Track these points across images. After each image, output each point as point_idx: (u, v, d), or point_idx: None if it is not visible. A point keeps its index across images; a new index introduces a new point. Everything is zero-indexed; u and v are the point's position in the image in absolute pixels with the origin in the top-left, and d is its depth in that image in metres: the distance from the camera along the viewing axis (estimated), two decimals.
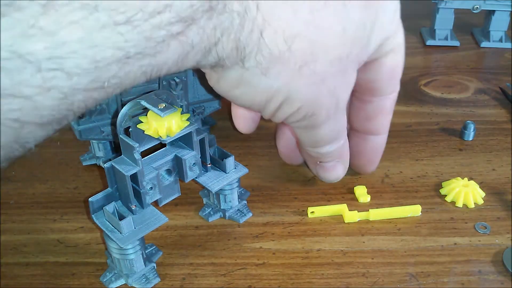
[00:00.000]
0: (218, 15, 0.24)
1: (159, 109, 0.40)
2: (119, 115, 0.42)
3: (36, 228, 0.43)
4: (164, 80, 0.45)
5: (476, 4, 0.69)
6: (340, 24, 0.28)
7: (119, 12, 0.20)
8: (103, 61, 0.21)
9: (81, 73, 0.21)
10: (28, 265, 0.40)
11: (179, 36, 0.23)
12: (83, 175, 0.49)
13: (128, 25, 0.20)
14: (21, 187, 0.48)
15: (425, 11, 0.81)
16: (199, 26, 0.23)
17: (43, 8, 0.19)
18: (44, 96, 0.20)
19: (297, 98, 0.30)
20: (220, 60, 0.27)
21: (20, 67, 0.19)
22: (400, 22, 0.34)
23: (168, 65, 0.25)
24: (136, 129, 0.41)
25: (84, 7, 0.19)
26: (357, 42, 0.31)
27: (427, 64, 0.70)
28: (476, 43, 0.74)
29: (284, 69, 0.28)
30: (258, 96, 0.30)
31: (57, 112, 0.22)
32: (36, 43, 0.19)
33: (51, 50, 0.19)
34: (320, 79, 0.29)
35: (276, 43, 0.26)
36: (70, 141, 0.55)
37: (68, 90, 0.21)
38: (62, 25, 0.19)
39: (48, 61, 0.20)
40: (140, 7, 0.21)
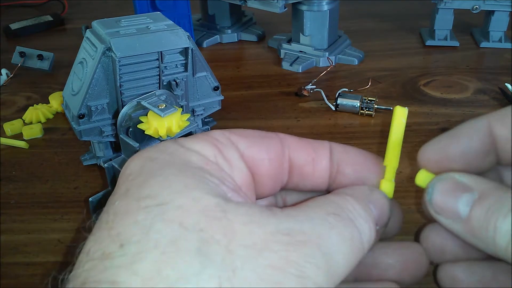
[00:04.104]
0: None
1: (159, 109, 0.40)
2: (119, 116, 0.43)
3: (36, 227, 0.43)
4: (164, 80, 0.45)
5: (476, 4, 0.69)
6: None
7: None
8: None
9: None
10: (29, 265, 0.40)
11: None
12: (83, 175, 0.50)
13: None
14: (21, 187, 0.48)
15: (424, 11, 0.82)
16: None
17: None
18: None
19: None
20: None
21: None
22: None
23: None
24: (137, 129, 0.41)
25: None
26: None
27: (426, 64, 0.70)
28: (476, 43, 0.74)
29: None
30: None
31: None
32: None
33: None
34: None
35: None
36: (71, 141, 0.55)
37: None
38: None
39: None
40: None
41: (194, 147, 0.22)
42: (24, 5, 0.97)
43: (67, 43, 0.79)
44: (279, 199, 0.28)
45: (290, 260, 0.19)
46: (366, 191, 0.24)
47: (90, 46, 0.44)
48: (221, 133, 0.24)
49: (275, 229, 0.19)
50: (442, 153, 0.24)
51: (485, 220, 0.21)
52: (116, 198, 0.21)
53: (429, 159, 0.24)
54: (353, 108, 0.57)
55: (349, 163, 0.26)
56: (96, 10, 0.94)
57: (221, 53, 0.76)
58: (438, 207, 0.23)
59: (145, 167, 0.21)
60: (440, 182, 0.23)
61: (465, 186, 0.22)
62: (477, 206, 0.22)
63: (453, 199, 0.23)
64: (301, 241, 0.19)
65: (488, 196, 0.22)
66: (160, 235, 0.18)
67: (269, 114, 0.59)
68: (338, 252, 0.20)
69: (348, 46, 0.72)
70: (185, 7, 0.68)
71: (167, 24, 0.45)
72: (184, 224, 0.19)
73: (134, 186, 0.21)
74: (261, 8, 0.66)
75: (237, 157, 0.23)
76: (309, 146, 0.26)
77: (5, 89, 0.67)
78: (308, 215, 0.21)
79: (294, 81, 0.66)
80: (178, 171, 0.21)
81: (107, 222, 0.20)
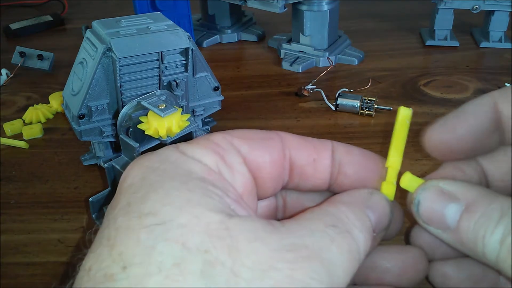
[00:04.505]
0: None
1: (159, 110, 0.40)
2: (119, 116, 0.43)
3: (36, 227, 0.43)
4: (164, 80, 0.45)
5: (476, 4, 0.69)
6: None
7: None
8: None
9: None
10: (29, 265, 0.40)
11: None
12: (83, 175, 0.50)
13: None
14: (21, 187, 0.48)
15: (424, 11, 0.82)
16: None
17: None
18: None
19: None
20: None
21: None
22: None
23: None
24: (137, 129, 0.41)
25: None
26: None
27: (426, 64, 0.70)
28: (476, 43, 0.74)
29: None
30: None
31: None
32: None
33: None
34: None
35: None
36: (71, 141, 0.55)
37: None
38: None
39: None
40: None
41: (196, 155, 0.22)
42: (24, 5, 0.97)
43: (67, 43, 0.79)
44: (279, 198, 0.28)
45: (295, 279, 0.18)
46: (365, 195, 0.24)
47: (90, 46, 0.44)
48: (222, 137, 0.23)
49: (280, 246, 0.19)
50: (450, 134, 0.24)
51: (473, 233, 0.21)
52: (117, 212, 0.20)
53: (437, 141, 0.24)
54: (353, 108, 0.57)
55: (351, 164, 0.26)
56: (96, 10, 0.94)
57: (221, 53, 0.76)
58: (426, 218, 0.23)
59: (146, 178, 0.21)
60: (425, 192, 0.23)
61: (451, 195, 0.22)
62: (464, 218, 0.22)
63: (440, 210, 0.22)
64: (305, 256, 0.19)
65: (475, 207, 0.22)
66: (163, 257, 0.18)
67: (269, 114, 0.59)
68: (339, 265, 0.20)
69: (348, 46, 0.72)
70: (185, 7, 0.68)
71: (167, 24, 0.45)
72: (188, 245, 0.18)
73: (135, 200, 0.20)
74: (261, 8, 0.66)
75: (240, 162, 0.23)
76: (311, 146, 0.25)
77: (5, 89, 0.67)
78: (309, 229, 0.20)
79: (294, 81, 0.66)
80: (180, 184, 0.20)
81: (109, 238, 0.19)
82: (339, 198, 0.24)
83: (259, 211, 0.26)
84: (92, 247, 0.20)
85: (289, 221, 0.21)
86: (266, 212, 0.27)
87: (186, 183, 0.20)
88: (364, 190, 0.24)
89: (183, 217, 0.19)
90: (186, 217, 0.19)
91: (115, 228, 0.19)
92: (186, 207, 0.19)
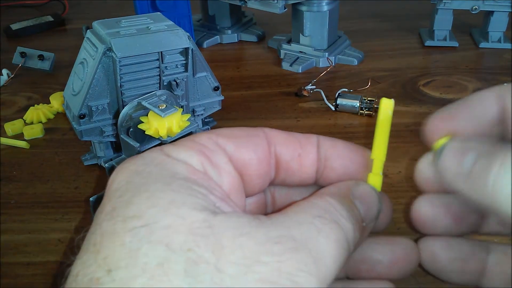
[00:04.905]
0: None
1: (159, 110, 0.40)
2: (120, 116, 0.43)
3: (37, 227, 0.43)
4: (165, 80, 0.46)
5: (475, 4, 0.69)
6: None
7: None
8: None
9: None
10: (29, 265, 0.40)
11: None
12: (84, 175, 0.50)
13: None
14: (22, 187, 0.48)
15: (424, 11, 0.82)
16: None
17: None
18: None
19: None
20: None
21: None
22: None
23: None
24: (137, 129, 0.41)
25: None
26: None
27: (426, 64, 0.70)
28: (475, 43, 0.74)
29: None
30: None
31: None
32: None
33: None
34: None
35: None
36: (71, 141, 0.55)
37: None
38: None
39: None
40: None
41: (180, 157, 0.22)
42: (25, 5, 0.97)
43: (67, 44, 0.79)
44: (268, 194, 0.28)
45: (282, 271, 0.18)
46: (351, 186, 0.24)
47: (90, 46, 0.44)
48: (207, 138, 0.23)
49: (266, 238, 0.19)
50: (452, 122, 0.24)
51: (485, 171, 0.21)
52: (103, 217, 0.20)
53: (439, 128, 0.24)
54: (353, 108, 0.57)
55: (337, 157, 0.26)
56: (96, 11, 0.94)
57: (221, 54, 0.76)
58: (445, 165, 0.23)
59: (131, 182, 0.21)
60: (452, 141, 0.23)
61: (469, 147, 0.22)
62: (479, 161, 0.22)
63: (459, 159, 0.22)
64: (292, 248, 0.19)
65: (491, 152, 0.21)
66: (147, 258, 0.18)
67: (269, 114, 0.59)
68: (327, 255, 0.20)
69: (348, 46, 0.73)
70: (185, 7, 0.68)
71: (167, 25, 0.45)
72: (171, 245, 0.18)
73: (120, 205, 0.20)
74: (261, 9, 0.66)
75: (226, 161, 0.23)
76: (296, 141, 0.26)
77: (5, 89, 0.67)
78: (295, 221, 0.21)
79: (294, 81, 0.66)
80: (164, 186, 0.20)
81: (95, 244, 0.19)
82: (325, 190, 0.24)
83: (248, 207, 0.26)
84: (80, 253, 0.20)
85: (275, 215, 0.21)
86: (255, 209, 0.27)
87: (170, 184, 0.20)
88: (350, 182, 0.25)
89: (167, 218, 0.19)
90: (170, 218, 0.19)
91: (101, 233, 0.19)
92: (170, 208, 0.19)
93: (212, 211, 0.20)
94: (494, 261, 0.25)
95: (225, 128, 0.25)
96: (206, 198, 0.20)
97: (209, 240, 0.18)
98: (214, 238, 0.19)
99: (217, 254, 0.18)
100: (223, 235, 0.19)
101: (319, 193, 0.24)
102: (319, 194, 0.24)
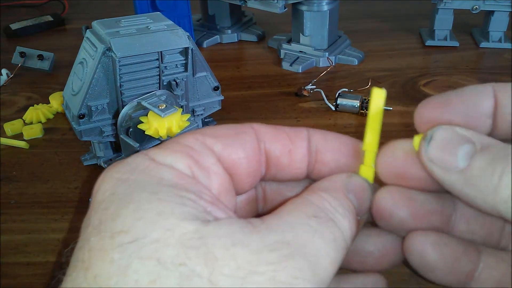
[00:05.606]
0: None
1: (159, 110, 0.40)
2: (119, 116, 0.43)
3: (37, 227, 0.43)
4: (164, 80, 0.46)
5: (476, 4, 0.69)
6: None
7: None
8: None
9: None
10: (29, 265, 0.40)
11: None
12: (84, 175, 0.50)
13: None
14: (22, 187, 0.48)
15: (424, 11, 0.82)
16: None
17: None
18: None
19: None
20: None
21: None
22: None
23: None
24: (137, 129, 0.41)
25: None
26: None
27: (426, 64, 0.70)
28: (476, 43, 0.74)
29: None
30: None
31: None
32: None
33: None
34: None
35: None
36: (71, 141, 0.55)
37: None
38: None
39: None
40: None
41: (166, 161, 0.21)
42: (25, 5, 0.97)
43: (67, 43, 0.79)
44: (259, 189, 0.27)
45: (278, 281, 0.18)
46: (344, 179, 0.23)
47: (90, 46, 0.44)
48: (194, 139, 0.23)
49: (260, 246, 0.18)
50: (444, 108, 0.23)
51: (489, 169, 0.20)
52: (90, 232, 0.19)
53: (429, 114, 0.23)
54: (353, 108, 0.57)
55: (328, 151, 0.25)
56: (96, 10, 0.94)
57: (221, 53, 0.76)
58: (434, 155, 0.21)
59: (116, 193, 0.20)
60: (440, 130, 0.22)
61: (465, 138, 0.21)
62: (479, 156, 0.21)
63: (452, 149, 0.21)
64: (287, 255, 0.18)
65: (492, 147, 0.21)
66: (138, 276, 0.17)
67: (269, 114, 0.59)
68: (324, 257, 0.19)
69: (348, 46, 0.73)
70: (185, 7, 0.68)
71: (167, 24, 0.45)
72: (162, 260, 0.18)
73: (106, 218, 0.19)
74: (261, 9, 0.66)
75: (214, 162, 0.22)
76: (285, 136, 0.25)
77: (5, 89, 0.67)
78: (289, 223, 0.20)
79: (294, 81, 0.66)
80: (150, 195, 0.19)
81: (83, 260, 0.19)
82: (318, 185, 0.23)
83: (239, 205, 0.26)
84: (68, 270, 0.19)
85: (269, 217, 0.20)
86: (246, 206, 0.26)
87: (156, 193, 0.19)
88: (343, 175, 0.24)
89: (156, 232, 0.18)
90: (159, 231, 0.18)
91: (88, 249, 0.19)
92: (158, 220, 0.19)
93: (203, 220, 0.19)
94: (485, 264, 0.24)
95: (212, 126, 0.24)
96: (196, 205, 0.20)
97: (200, 252, 0.18)
98: (206, 249, 0.18)
99: (210, 267, 0.18)
100: (215, 245, 0.18)
101: (312, 188, 0.23)
102: (312, 189, 0.23)
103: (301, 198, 0.22)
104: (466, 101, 0.22)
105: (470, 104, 0.22)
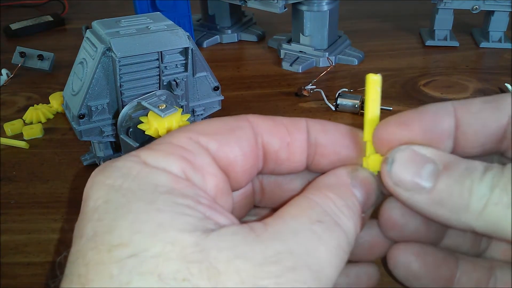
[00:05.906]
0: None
1: (159, 110, 0.40)
2: (119, 116, 0.43)
3: (36, 228, 0.43)
4: (164, 80, 0.46)
5: (476, 4, 0.69)
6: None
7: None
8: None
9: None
10: (29, 265, 0.40)
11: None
12: (83, 175, 0.50)
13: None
14: (22, 187, 0.48)
15: (424, 11, 0.82)
16: None
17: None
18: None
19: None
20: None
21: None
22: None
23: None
24: (137, 129, 0.41)
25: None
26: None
27: (426, 64, 0.70)
28: (476, 43, 0.74)
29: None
30: None
31: None
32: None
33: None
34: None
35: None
36: (71, 141, 0.55)
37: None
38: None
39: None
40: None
41: (160, 164, 0.20)
42: (25, 5, 0.97)
43: (67, 43, 0.79)
44: (256, 182, 0.26)
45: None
46: (349, 174, 0.23)
47: (90, 46, 0.44)
48: (187, 138, 0.21)
49: (263, 259, 0.18)
50: (404, 127, 0.22)
51: (456, 187, 0.20)
52: (85, 244, 0.18)
53: (387, 133, 0.22)
54: (353, 108, 0.57)
55: (328, 143, 0.24)
56: (96, 10, 0.94)
57: (221, 53, 0.76)
58: (398, 179, 0.21)
59: (110, 202, 0.19)
60: (401, 152, 0.21)
61: (426, 158, 0.21)
62: (444, 176, 0.20)
63: (415, 170, 0.21)
64: (291, 266, 0.18)
65: (456, 165, 0.20)
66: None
67: (269, 114, 0.59)
68: (327, 266, 0.19)
69: (348, 46, 0.73)
70: (185, 7, 0.68)
71: (167, 24, 0.45)
72: (164, 275, 0.17)
73: (102, 229, 0.18)
74: (261, 8, 0.66)
75: (209, 162, 0.21)
76: (283, 128, 0.24)
77: (5, 89, 0.67)
78: (293, 229, 0.19)
79: (294, 81, 0.66)
80: (147, 205, 0.19)
81: (79, 276, 0.18)
82: (323, 181, 0.23)
83: (235, 200, 0.25)
84: (63, 283, 0.19)
85: (272, 220, 0.20)
86: (242, 200, 0.26)
87: (153, 203, 0.19)
88: (347, 168, 0.23)
89: (156, 246, 0.18)
90: (159, 245, 0.18)
91: (85, 264, 0.18)
92: (157, 233, 0.18)
93: (203, 230, 0.18)
94: (462, 269, 0.24)
95: (205, 121, 0.23)
96: (194, 211, 0.19)
97: (203, 266, 0.17)
98: (208, 264, 0.17)
99: (214, 282, 0.17)
100: (218, 259, 0.17)
101: (317, 185, 0.22)
102: (316, 187, 0.22)
103: (305, 198, 0.21)
104: (426, 120, 0.22)
105: (430, 123, 0.22)
